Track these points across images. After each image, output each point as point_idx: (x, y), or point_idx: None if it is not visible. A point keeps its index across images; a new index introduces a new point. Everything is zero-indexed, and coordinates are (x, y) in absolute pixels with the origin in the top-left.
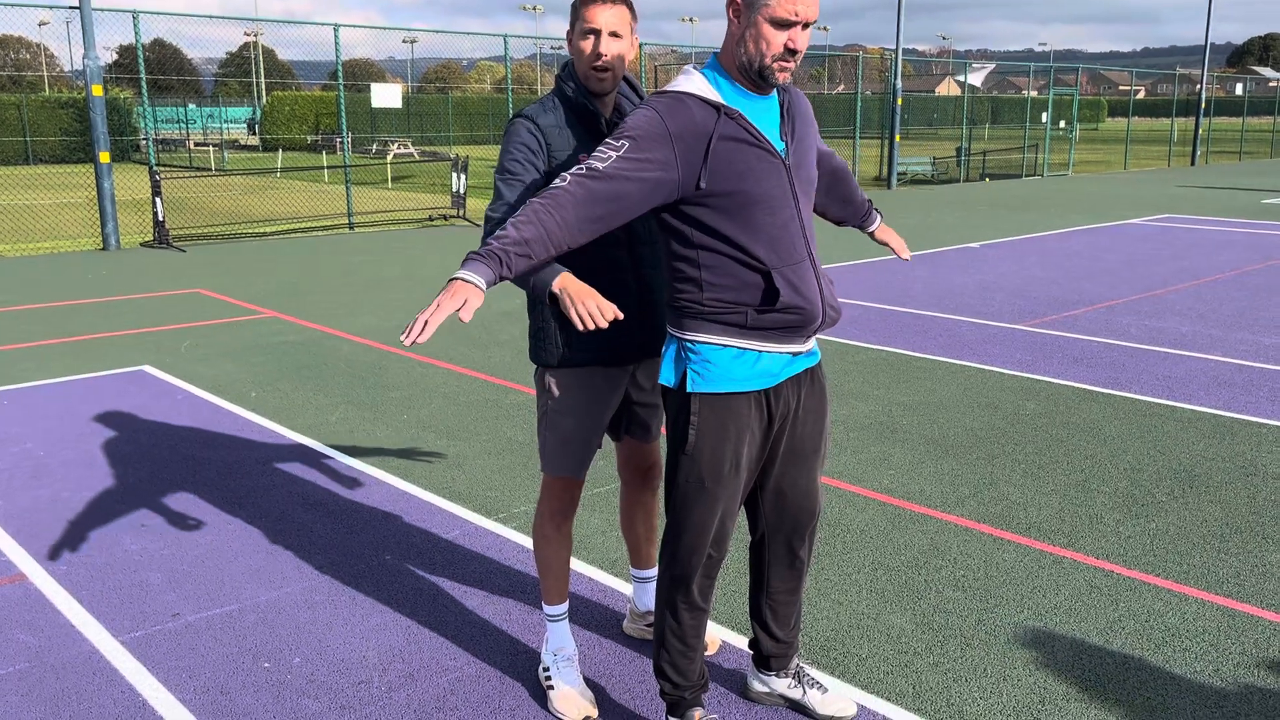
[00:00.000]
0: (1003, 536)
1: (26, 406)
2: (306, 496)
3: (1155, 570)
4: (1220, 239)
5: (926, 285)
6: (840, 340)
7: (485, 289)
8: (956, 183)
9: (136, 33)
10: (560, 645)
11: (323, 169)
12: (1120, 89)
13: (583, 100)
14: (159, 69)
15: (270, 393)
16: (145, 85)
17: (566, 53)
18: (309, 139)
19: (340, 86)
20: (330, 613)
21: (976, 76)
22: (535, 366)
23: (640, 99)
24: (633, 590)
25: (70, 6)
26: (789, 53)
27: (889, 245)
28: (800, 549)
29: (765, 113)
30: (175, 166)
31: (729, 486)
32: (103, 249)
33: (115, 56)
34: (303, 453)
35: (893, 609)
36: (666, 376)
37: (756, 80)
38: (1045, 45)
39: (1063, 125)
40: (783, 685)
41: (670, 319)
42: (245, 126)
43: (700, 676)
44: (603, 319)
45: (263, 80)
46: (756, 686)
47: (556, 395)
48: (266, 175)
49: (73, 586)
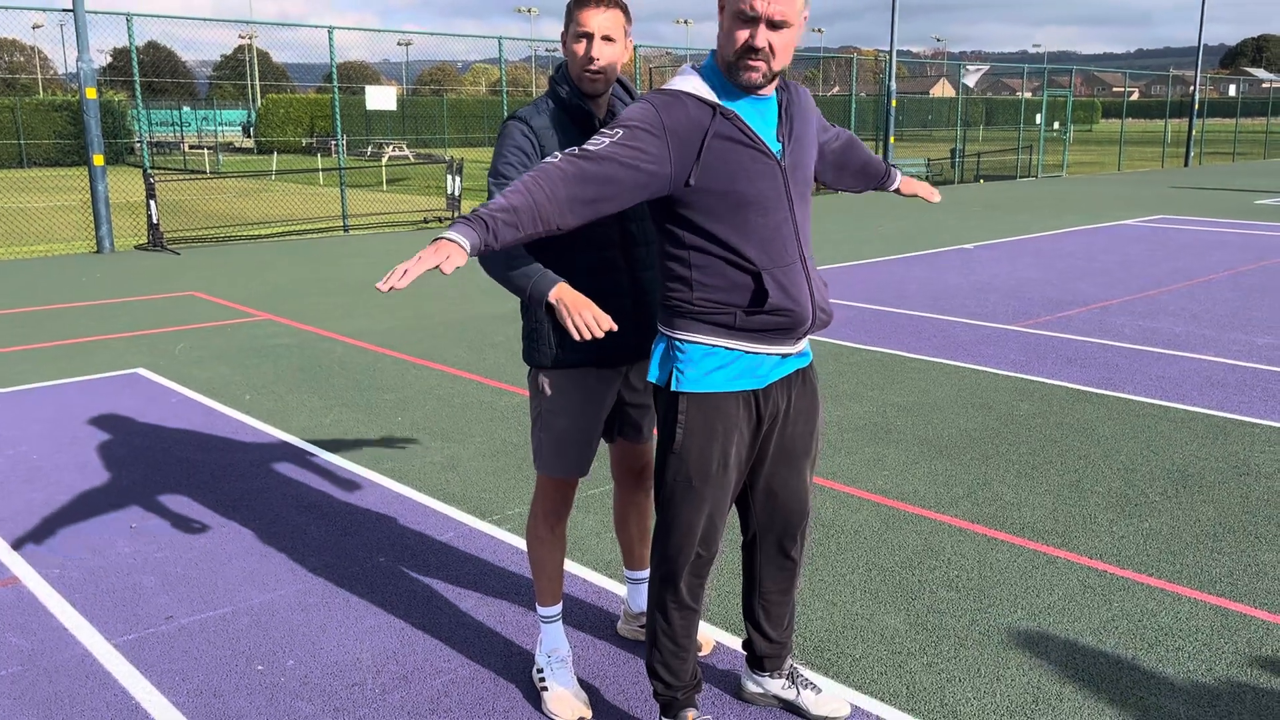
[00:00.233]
0: (996, 536)
1: (20, 409)
2: (301, 499)
3: (1148, 570)
4: (1214, 240)
5: (921, 286)
6: (835, 341)
7: (469, 250)
8: (951, 184)
9: (130, 35)
10: (554, 647)
11: (318, 171)
12: (1114, 90)
13: (576, 102)
14: (153, 72)
15: (264, 395)
16: (139, 88)
17: (561, 55)
18: (304, 141)
19: (335, 89)
20: (324, 615)
21: (971, 78)
22: (529, 368)
23: (634, 100)
24: (626, 591)
25: (64, 9)
26: (750, 50)
27: (918, 194)
28: (791, 549)
29: (762, 113)
30: (169, 169)
31: (717, 486)
32: (97, 252)
33: (109, 59)
34: (297, 455)
35: (886, 609)
36: (654, 374)
37: (732, 78)
38: (1039, 47)
39: (1057, 127)
40: (776, 686)
41: (661, 317)
42: (240, 129)
43: (693, 677)
44: (598, 329)
45: (257, 83)
46: (750, 687)
47: (550, 396)
48: (261, 178)
49: (66, 589)
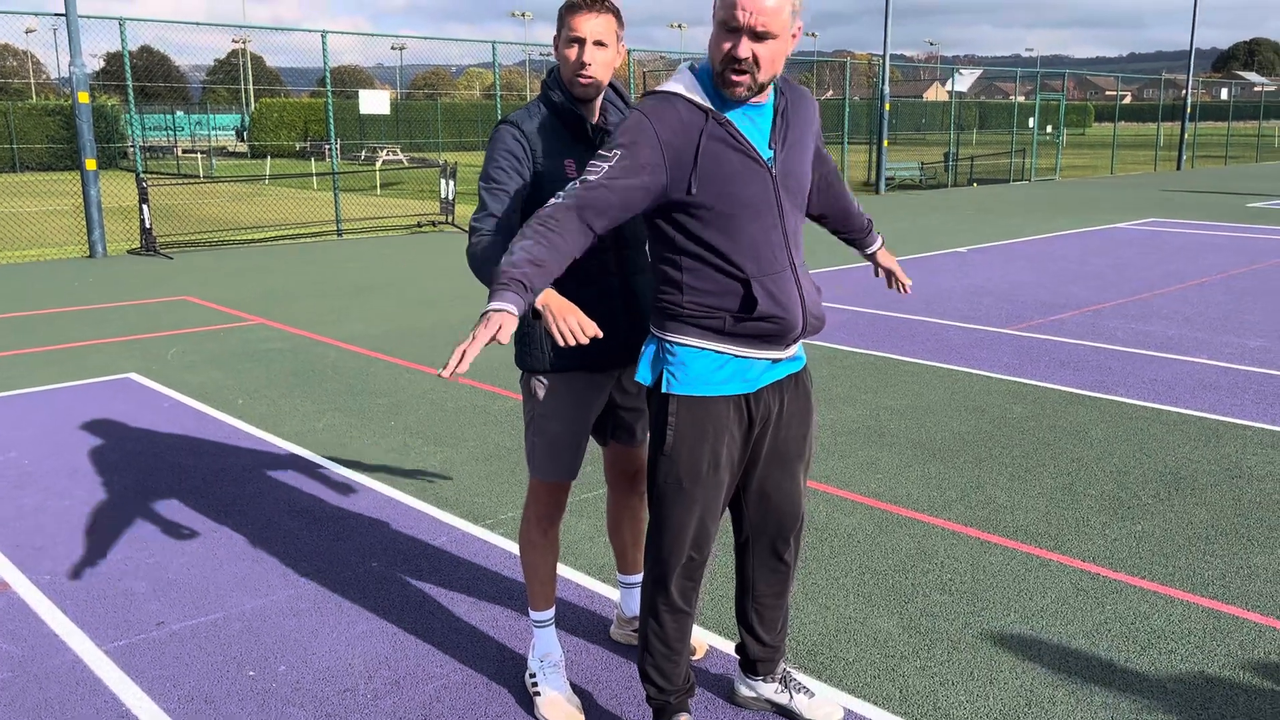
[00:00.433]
0: (989, 540)
1: (11, 414)
2: (293, 504)
3: (1141, 573)
4: (1206, 243)
5: (914, 289)
6: (828, 345)
7: (517, 313)
8: (944, 188)
9: (123, 40)
10: (547, 651)
11: (311, 176)
12: (1106, 94)
13: (568, 106)
14: (146, 76)
15: (257, 400)
16: (132, 92)
17: (555, 59)
18: (297, 146)
19: (329, 93)
20: (316, 620)
21: (964, 82)
22: (522, 372)
23: (627, 105)
24: (619, 596)
25: (56, 14)
26: (733, 60)
27: (892, 272)
28: (785, 553)
29: (755, 119)
30: (163, 174)
31: (708, 488)
32: (89, 256)
33: (102, 64)
34: (290, 460)
35: (880, 613)
36: (643, 375)
37: (720, 87)
38: (1032, 50)
39: (1049, 130)
40: (769, 690)
41: (653, 318)
42: (233, 134)
43: (686, 681)
44: (583, 336)
45: (251, 87)
46: (743, 691)
47: (543, 400)
48: (255, 182)
49: (56, 595)
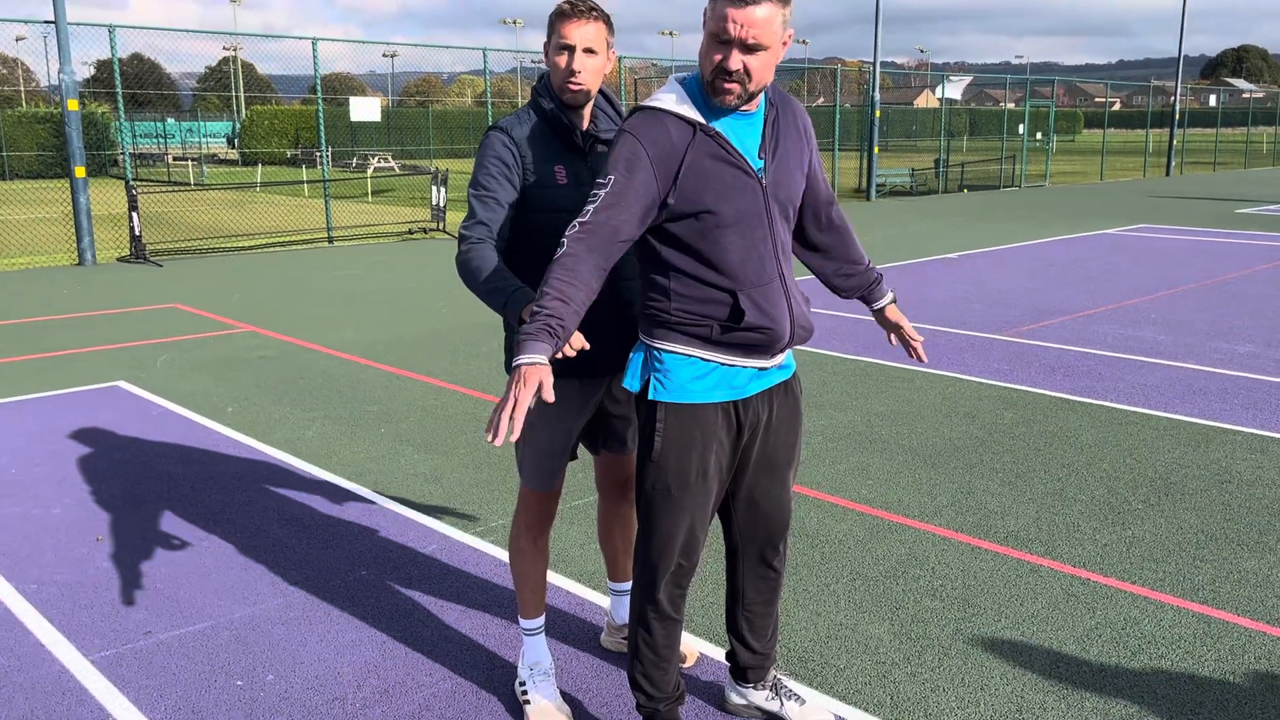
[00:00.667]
0: (980, 545)
1: None
2: (283, 512)
3: (1131, 578)
4: (1195, 248)
5: (905, 295)
6: (819, 351)
7: (549, 363)
8: (935, 194)
9: (113, 47)
10: (537, 659)
11: (302, 183)
12: (1096, 101)
13: (559, 113)
14: (137, 83)
15: (247, 408)
16: (122, 100)
17: (546, 66)
18: (289, 153)
19: (319, 100)
20: (305, 629)
21: (955, 89)
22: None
23: (617, 112)
24: (610, 603)
25: (46, 21)
26: (723, 71)
27: (903, 332)
28: (774, 560)
29: (745, 129)
30: (153, 181)
31: (696, 495)
32: (79, 264)
33: (92, 71)
34: (279, 468)
35: (870, 619)
36: (631, 381)
37: (710, 96)
38: (1021, 58)
39: (1039, 137)
40: (760, 697)
41: (641, 325)
42: (224, 141)
43: (675, 689)
44: (569, 349)
45: (242, 94)
46: (734, 699)
47: (532, 408)
48: (246, 190)
49: (42, 605)
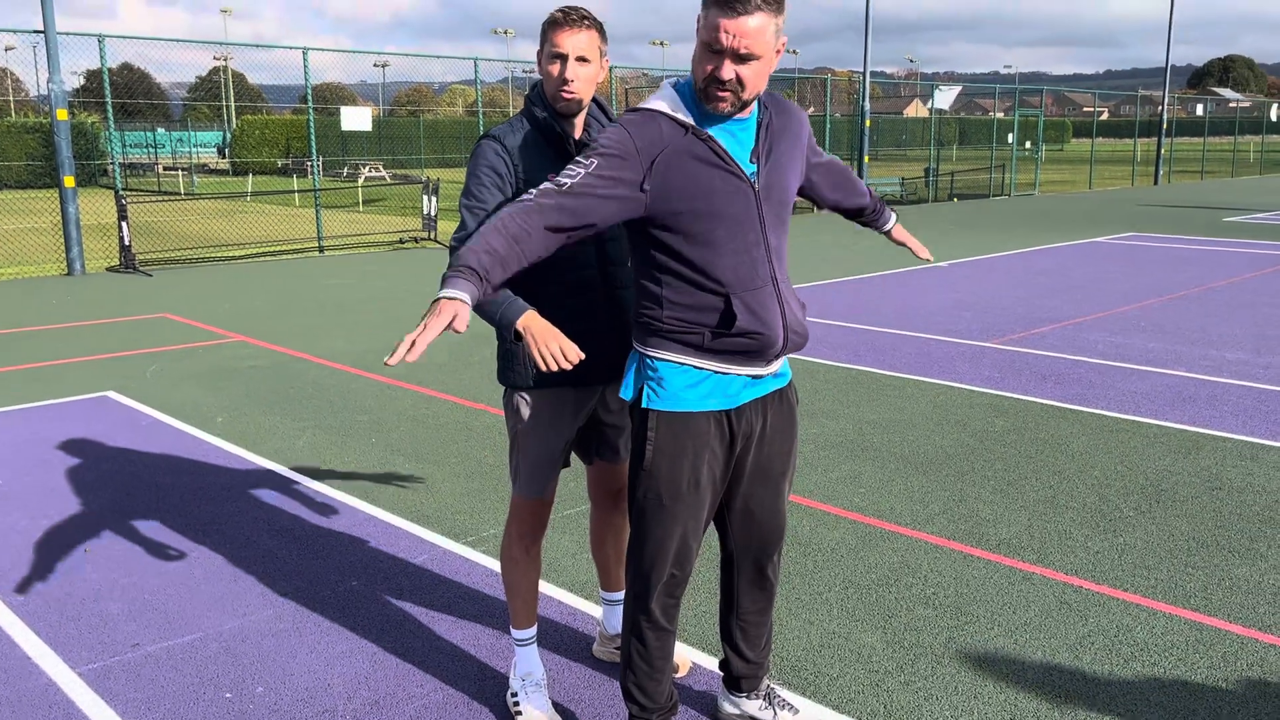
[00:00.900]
0: (973, 553)
1: None
2: (273, 523)
3: (1124, 585)
4: (1183, 256)
5: (896, 304)
6: (811, 359)
7: (470, 302)
8: (925, 203)
9: (102, 57)
10: (528, 670)
11: (293, 192)
12: (1084, 110)
13: (551, 121)
14: (127, 93)
15: (237, 418)
16: (111, 109)
17: (537, 75)
18: (279, 163)
19: (310, 110)
20: (295, 640)
21: (944, 99)
22: (504, 388)
23: (610, 121)
24: (602, 613)
25: (35, 31)
26: (715, 80)
27: (907, 246)
28: (769, 569)
29: (738, 133)
30: (143, 191)
31: (688, 504)
32: (68, 274)
33: (82, 81)
34: (269, 478)
35: (863, 627)
36: (626, 390)
37: (703, 103)
38: (1010, 68)
39: (1028, 146)
40: (753, 706)
41: (634, 333)
42: (215, 151)
43: (668, 699)
44: (565, 361)
45: (232, 104)
46: (727, 708)
47: (526, 417)
48: (236, 199)
49: (29, 617)
